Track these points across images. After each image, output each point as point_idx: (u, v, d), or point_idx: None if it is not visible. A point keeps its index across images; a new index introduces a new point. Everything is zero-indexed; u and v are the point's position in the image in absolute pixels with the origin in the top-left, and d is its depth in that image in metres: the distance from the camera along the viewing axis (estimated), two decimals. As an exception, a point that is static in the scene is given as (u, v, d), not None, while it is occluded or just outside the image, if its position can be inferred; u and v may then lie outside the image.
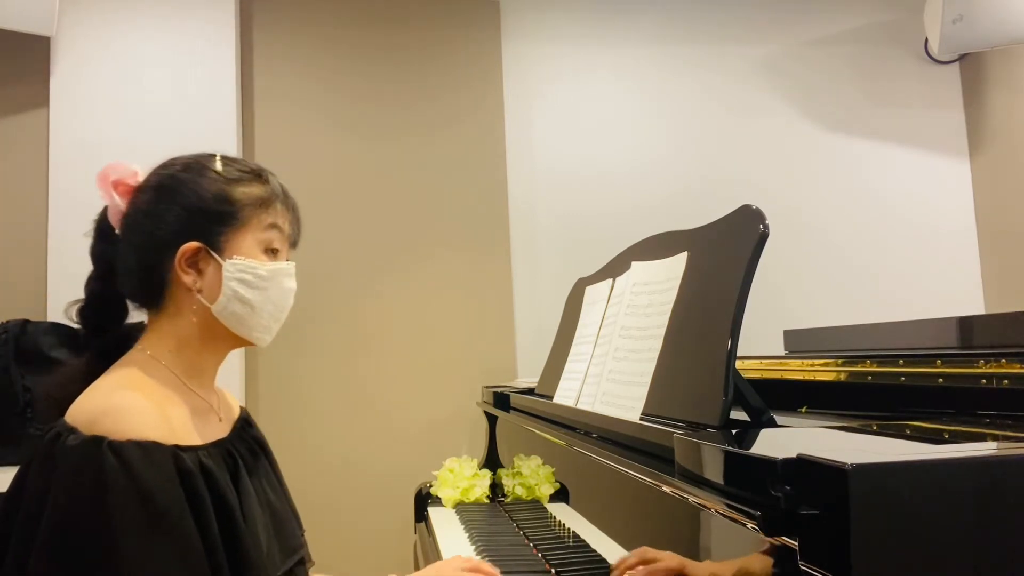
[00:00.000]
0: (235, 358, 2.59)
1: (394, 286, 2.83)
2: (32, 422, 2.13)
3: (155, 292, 1.08)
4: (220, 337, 1.10)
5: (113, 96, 2.66)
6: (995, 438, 0.82)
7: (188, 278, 1.05)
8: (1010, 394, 1.03)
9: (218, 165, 1.10)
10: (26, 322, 2.27)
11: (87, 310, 1.11)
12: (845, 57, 3.16)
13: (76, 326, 1.14)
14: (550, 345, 2.07)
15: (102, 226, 1.13)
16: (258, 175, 1.12)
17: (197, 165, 1.09)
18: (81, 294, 1.15)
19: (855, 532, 0.59)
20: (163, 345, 1.08)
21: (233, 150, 2.68)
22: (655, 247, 1.45)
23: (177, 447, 0.96)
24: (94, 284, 1.12)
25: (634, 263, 1.47)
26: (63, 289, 2.51)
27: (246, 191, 1.09)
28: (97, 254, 1.13)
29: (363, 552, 2.64)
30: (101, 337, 1.11)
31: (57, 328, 2.27)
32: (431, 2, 2.95)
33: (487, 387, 2.43)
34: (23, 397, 2.18)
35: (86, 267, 1.18)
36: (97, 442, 0.91)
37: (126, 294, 1.11)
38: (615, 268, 1.63)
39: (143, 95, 2.67)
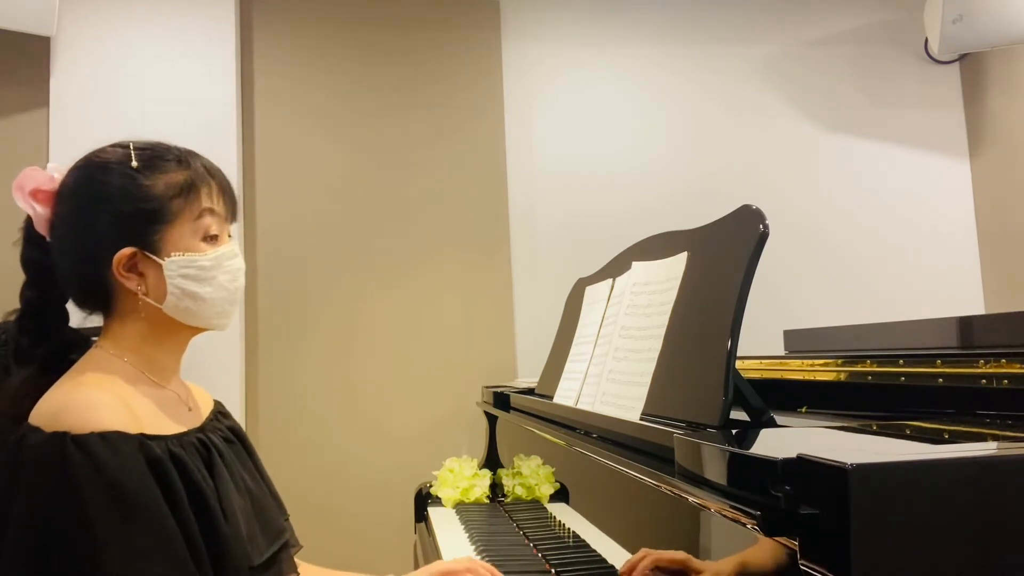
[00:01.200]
0: (235, 359, 2.59)
1: (394, 286, 2.83)
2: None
3: (100, 298, 1.06)
4: (176, 330, 1.09)
5: (113, 96, 2.66)
6: (995, 438, 0.82)
7: (130, 283, 1.03)
8: (1010, 394, 1.03)
9: (134, 161, 1.05)
10: (26, 322, 2.27)
11: (24, 319, 1.07)
12: (845, 57, 3.16)
13: (78, 317, 1.13)
14: (550, 345, 2.07)
15: (30, 234, 1.09)
16: (178, 160, 1.07)
17: (114, 163, 1.05)
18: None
19: (855, 532, 0.59)
20: (120, 344, 1.06)
21: (233, 150, 2.68)
22: (655, 247, 1.45)
23: (143, 435, 0.95)
24: (29, 292, 1.08)
25: (634, 263, 1.47)
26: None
27: (168, 181, 1.04)
28: (28, 262, 1.09)
29: (363, 552, 2.64)
30: (44, 345, 1.07)
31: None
32: (431, 2, 2.95)
33: (487, 387, 2.43)
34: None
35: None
36: (59, 437, 0.90)
37: (76, 303, 1.09)
38: (615, 268, 1.63)
39: (143, 95, 2.67)
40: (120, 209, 1.03)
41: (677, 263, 1.28)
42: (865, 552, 0.60)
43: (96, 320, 1.11)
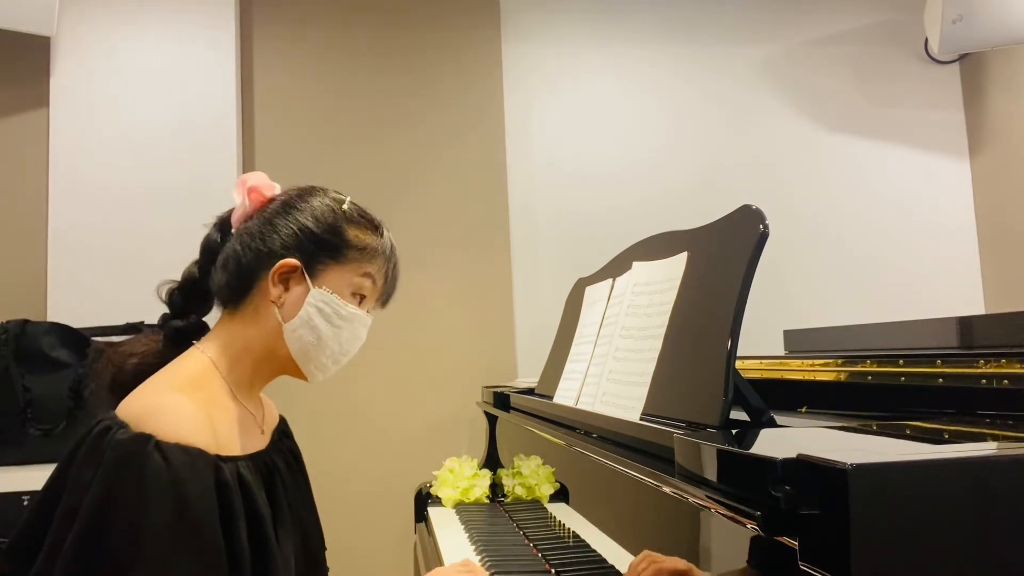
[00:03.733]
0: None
1: (394, 286, 2.83)
2: (32, 422, 2.13)
3: (240, 292, 1.10)
4: (279, 358, 1.12)
5: (113, 96, 2.66)
6: (995, 438, 0.82)
7: (275, 290, 1.08)
8: (1010, 394, 1.03)
9: (345, 205, 1.16)
10: (26, 322, 2.27)
11: (177, 292, 1.15)
12: (845, 57, 3.16)
13: (76, 319, 1.15)
14: (550, 345, 2.07)
15: (223, 223, 1.17)
16: (376, 227, 1.17)
17: (327, 196, 1.16)
18: (80, 293, 1.16)
19: (855, 532, 0.59)
20: (225, 350, 1.10)
21: (232, 150, 2.68)
22: (655, 247, 1.45)
23: (219, 457, 0.97)
24: (192, 270, 1.15)
25: (635, 263, 1.47)
26: (63, 289, 2.51)
27: (358, 235, 1.14)
28: (207, 245, 1.16)
29: (363, 552, 2.65)
30: (178, 321, 1.13)
31: (57, 328, 2.27)
32: (431, 2, 2.95)
33: (487, 387, 2.43)
34: (23, 397, 2.17)
35: (86, 267, 1.19)
36: (145, 439, 0.92)
37: (214, 287, 1.13)
38: (615, 268, 1.63)
39: (143, 95, 2.67)
40: (310, 228, 1.11)
41: (677, 263, 1.28)
42: (865, 552, 0.59)
43: None
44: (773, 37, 3.14)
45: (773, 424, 1.05)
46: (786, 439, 0.93)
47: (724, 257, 1.15)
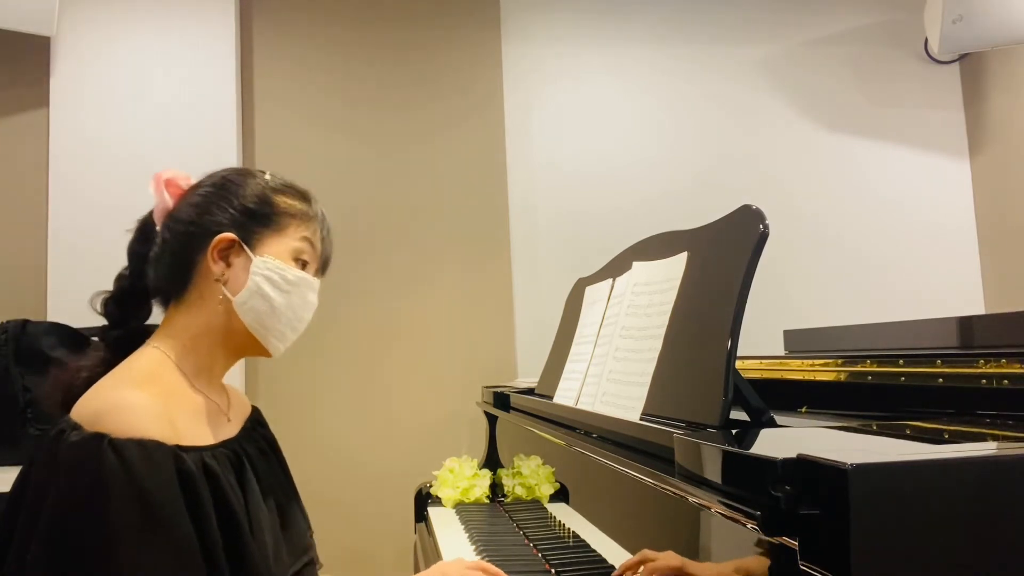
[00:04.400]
0: (235, 358, 2.59)
1: (394, 286, 2.83)
2: (32, 422, 2.13)
3: (181, 280, 1.09)
4: (235, 335, 1.10)
5: (113, 96, 2.66)
6: (995, 438, 0.82)
7: (216, 268, 1.08)
8: (1010, 394, 1.03)
9: (268, 176, 1.16)
10: (26, 322, 2.27)
11: (112, 302, 1.14)
12: (845, 57, 3.16)
13: (76, 319, 1.15)
14: (550, 345, 2.07)
15: (145, 225, 1.16)
16: (303, 195, 1.17)
17: (247, 171, 1.17)
18: (80, 293, 1.16)
19: (855, 532, 0.59)
20: (176, 341, 1.08)
21: (233, 150, 2.68)
22: (655, 247, 1.45)
23: (179, 447, 0.96)
24: (124, 280, 1.15)
25: (635, 263, 1.47)
26: (63, 289, 2.51)
27: (288, 201, 1.14)
28: (133, 252, 1.15)
29: (363, 552, 2.65)
30: (120, 331, 1.12)
31: (57, 328, 2.27)
32: (431, 2, 2.95)
33: (487, 387, 2.43)
34: (23, 397, 2.17)
35: (86, 267, 1.19)
36: (98, 439, 0.91)
37: (152, 284, 1.12)
38: (615, 268, 1.63)
39: (143, 95, 2.67)
40: (238, 202, 1.11)
41: (677, 263, 1.28)
42: (865, 552, 0.60)
43: None
44: (773, 37, 3.14)
45: (773, 424, 1.05)
46: (786, 439, 0.93)
47: (724, 257, 1.15)
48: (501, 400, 2.17)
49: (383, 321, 2.81)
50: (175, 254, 1.10)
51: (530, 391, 2.05)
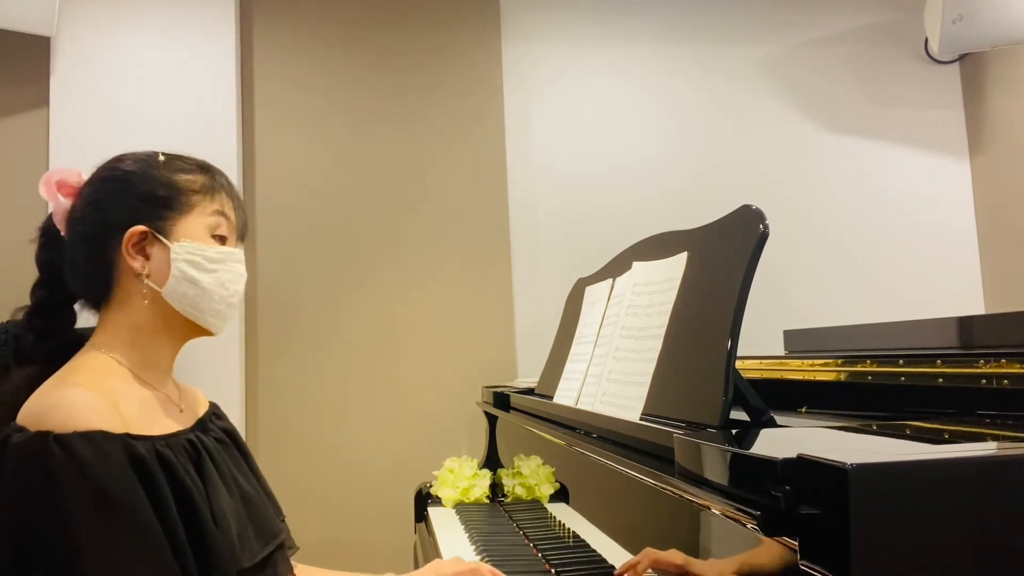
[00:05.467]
0: (235, 360, 2.59)
1: (394, 286, 2.83)
2: None
3: (103, 283, 1.08)
4: (173, 324, 1.09)
5: (113, 96, 2.66)
6: (995, 438, 0.82)
7: (135, 263, 1.06)
8: (1010, 394, 1.03)
9: (161, 157, 1.12)
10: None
11: (33, 316, 1.12)
12: (845, 57, 3.16)
13: (82, 318, 1.14)
14: (550, 345, 2.07)
15: (48, 232, 1.14)
16: (202, 167, 1.13)
17: (141, 157, 1.12)
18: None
19: (855, 532, 0.59)
20: (115, 339, 1.07)
21: (233, 150, 2.68)
22: (655, 247, 1.45)
23: (128, 435, 0.94)
24: (40, 291, 1.13)
25: (635, 263, 1.47)
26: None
27: (190, 179, 1.10)
28: (42, 261, 1.14)
29: (363, 552, 2.64)
30: (50, 342, 1.10)
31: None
32: (431, 3, 2.95)
33: (487, 387, 2.43)
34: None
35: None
36: (43, 437, 0.90)
37: (76, 292, 1.10)
38: (615, 268, 1.63)
39: (143, 95, 2.67)
40: (139, 191, 1.08)
41: (677, 263, 1.29)
42: (865, 552, 0.60)
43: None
44: (773, 37, 3.14)
45: (773, 424, 1.05)
46: (786, 439, 0.93)
47: (724, 257, 1.15)
48: (501, 400, 2.17)
49: (383, 321, 2.81)
50: (89, 258, 1.08)
51: (530, 391, 2.05)
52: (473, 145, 2.91)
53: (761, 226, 1.09)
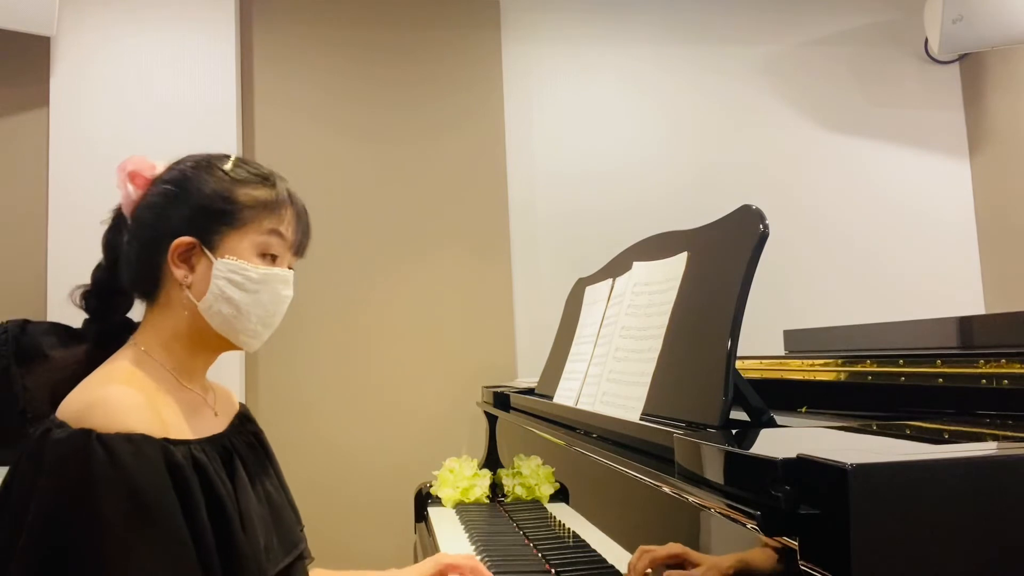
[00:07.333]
0: (235, 357, 2.59)
1: (394, 286, 2.83)
2: (32, 422, 2.13)
3: (150, 284, 1.08)
4: (208, 337, 1.09)
5: (113, 96, 2.66)
6: (995, 438, 0.82)
7: (179, 272, 1.05)
8: (1010, 394, 1.03)
9: (228, 165, 1.10)
10: (26, 322, 2.25)
11: (91, 297, 1.13)
12: (845, 57, 3.16)
13: (76, 320, 1.14)
14: (550, 345, 2.07)
15: (118, 216, 1.13)
16: (266, 179, 1.11)
17: (207, 163, 1.10)
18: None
19: (855, 532, 0.59)
20: (155, 339, 1.07)
21: (233, 150, 2.68)
22: (655, 247, 1.45)
23: (167, 440, 0.95)
24: (101, 273, 1.13)
25: (635, 263, 1.47)
26: (63, 289, 2.50)
27: (250, 193, 1.08)
28: (108, 243, 1.13)
29: (363, 552, 2.65)
30: (101, 325, 1.11)
31: (57, 328, 2.27)
32: (431, 2, 2.95)
33: (487, 387, 2.43)
34: (23, 397, 2.17)
35: (86, 267, 1.18)
36: (85, 435, 0.91)
37: (126, 283, 1.10)
38: (615, 268, 1.63)
39: (143, 95, 2.67)
40: (196, 201, 1.06)
41: (677, 263, 1.29)
42: (865, 552, 0.60)
43: None
44: (773, 37, 3.14)
45: (773, 424, 1.05)
46: (786, 439, 0.93)
47: (724, 257, 1.15)
48: (501, 400, 2.17)
49: (383, 321, 2.81)
50: (140, 257, 1.08)
51: (530, 391, 2.05)
52: (473, 144, 2.91)
53: (761, 226, 1.09)
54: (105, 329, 1.11)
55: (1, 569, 0.89)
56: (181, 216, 1.06)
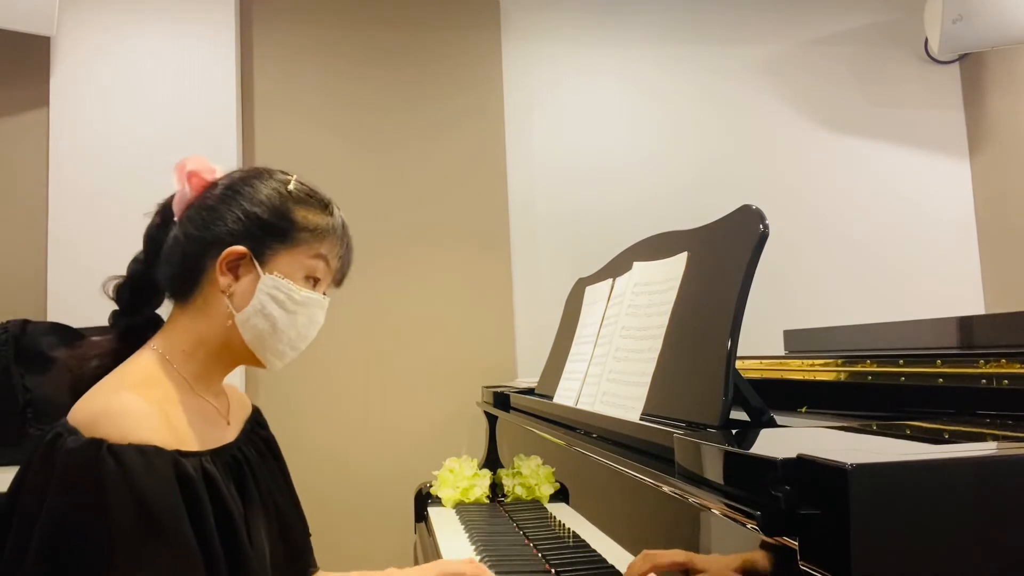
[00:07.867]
0: (235, 358, 2.59)
1: (394, 286, 2.83)
2: (32, 422, 2.13)
3: (189, 284, 1.07)
4: (235, 348, 1.08)
5: (113, 96, 2.66)
6: (995, 438, 0.82)
7: (224, 280, 1.05)
8: (1010, 394, 1.03)
9: (291, 184, 1.10)
10: (26, 322, 2.27)
11: (124, 288, 1.11)
12: (845, 57, 3.16)
13: (76, 320, 1.14)
14: (550, 345, 2.07)
15: (165, 211, 1.12)
16: (325, 205, 1.12)
17: (270, 177, 1.11)
18: (80, 294, 1.15)
19: (855, 532, 0.59)
20: (178, 343, 1.07)
21: (233, 150, 2.68)
22: (655, 247, 1.45)
23: (178, 452, 0.95)
24: (138, 265, 1.12)
25: (635, 263, 1.47)
26: (63, 289, 2.51)
27: (308, 216, 1.09)
28: (150, 236, 1.12)
29: (363, 552, 2.64)
30: (129, 318, 1.10)
31: (57, 328, 2.27)
32: (431, 3, 2.95)
33: (487, 387, 2.43)
34: (23, 397, 2.17)
35: (86, 267, 1.18)
36: (97, 445, 0.90)
37: (162, 280, 1.09)
38: (615, 268, 1.63)
39: (143, 95, 2.67)
40: (255, 213, 1.06)
41: (677, 263, 1.28)
42: (865, 552, 0.60)
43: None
44: (773, 37, 3.14)
45: (773, 424, 1.05)
46: (786, 439, 0.93)
47: (724, 257, 1.15)
48: (501, 400, 2.17)
49: (383, 321, 2.81)
50: (185, 256, 1.06)
51: (530, 391, 2.05)
52: (473, 144, 2.91)
53: (761, 226, 1.09)
54: (132, 325, 1.10)
55: (14, 568, 0.89)
56: (236, 224, 1.06)
